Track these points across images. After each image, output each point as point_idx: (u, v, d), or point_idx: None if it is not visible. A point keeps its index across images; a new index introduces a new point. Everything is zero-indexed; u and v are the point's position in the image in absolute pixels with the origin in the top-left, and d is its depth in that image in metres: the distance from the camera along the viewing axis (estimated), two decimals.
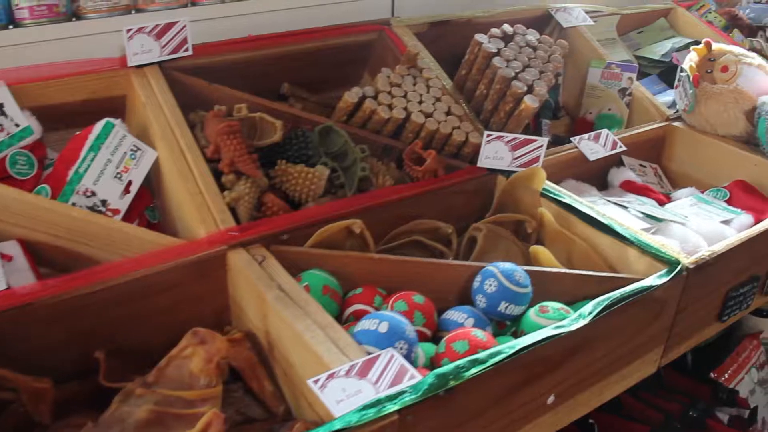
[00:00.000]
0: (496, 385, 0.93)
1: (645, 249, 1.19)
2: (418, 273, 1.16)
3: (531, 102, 1.39)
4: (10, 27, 1.34)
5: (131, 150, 1.21)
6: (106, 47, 1.32)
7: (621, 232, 1.22)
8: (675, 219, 1.36)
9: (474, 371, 0.87)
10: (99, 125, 1.19)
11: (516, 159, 1.38)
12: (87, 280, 0.99)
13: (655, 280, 1.12)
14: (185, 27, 1.33)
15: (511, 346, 0.92)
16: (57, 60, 1.28)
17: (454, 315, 1.10)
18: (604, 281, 1.16)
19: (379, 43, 1.62)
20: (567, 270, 1.19)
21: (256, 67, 1.51)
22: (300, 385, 0.93)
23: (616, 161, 1.63)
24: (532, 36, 1.52)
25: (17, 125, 1.17)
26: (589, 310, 1.03)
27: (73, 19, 1.40)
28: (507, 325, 1.15)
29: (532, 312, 1.09)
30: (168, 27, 1.31)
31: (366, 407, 0.79)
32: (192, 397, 0.91)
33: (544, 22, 1.88)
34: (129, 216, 1.20)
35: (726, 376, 1.63)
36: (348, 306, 1.12)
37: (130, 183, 1.20)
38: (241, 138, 1.28)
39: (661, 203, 1.52)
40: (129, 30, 1.28)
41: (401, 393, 0.82)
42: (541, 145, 1.38)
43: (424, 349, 1.01)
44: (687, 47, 2.03)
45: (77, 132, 1.20)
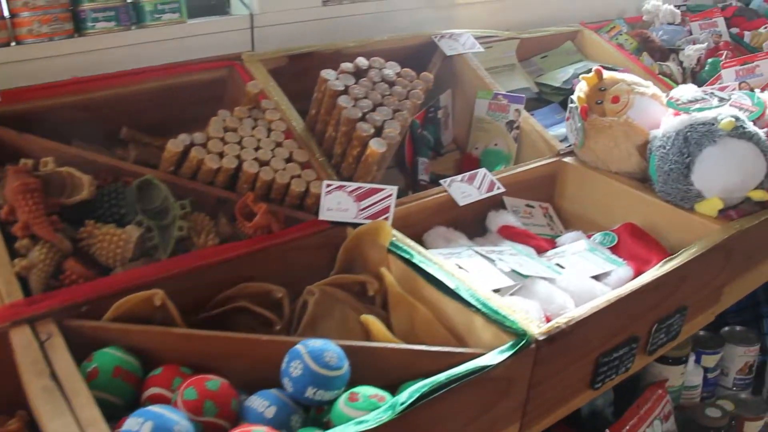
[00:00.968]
0: None
1: (490, 317, 1.03)
2: (229, 350, 1.00)
3: (377, 147, 1.23)
4: None
5: None
6: None
7: (466, 297, 1.06)
8: (543, 275, 1.20)
9: None
10: None
11: (363, 210, 1.22)
12: None
13: (495, 356, 0.95)
14: None
15: None
16: None
17: (255, 402, 0.93)
18: (440, 357, 0.99)
19: (231, 81, 1.46)
20: (395, 345, 1.02)
21: (86, 112, 1.35)
22: None
23: (497, 203, 1.46)
24: (390, 70, 1.36)
25: None
26: (405, 398, 0.86)
27: None
28: (325, 410, 0.97)
29: (341, 400, 0.92)
30: None
31: None
32: None
33: (429, 50, 1.72)
34: None
35: (625, 431, 1.46)
36: (145, 389, 0.96)
37: None
38: (39, 197, 1.13)
39: (542, 250, 1.37)
40: None
41: None
42: (390, 195, 1.22)
43: None
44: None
45: None
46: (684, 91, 1.46)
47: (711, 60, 2.00)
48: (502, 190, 1.42)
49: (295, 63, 1.51)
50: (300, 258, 1.22)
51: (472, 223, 1.44)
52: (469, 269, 1.19)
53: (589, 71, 1.89)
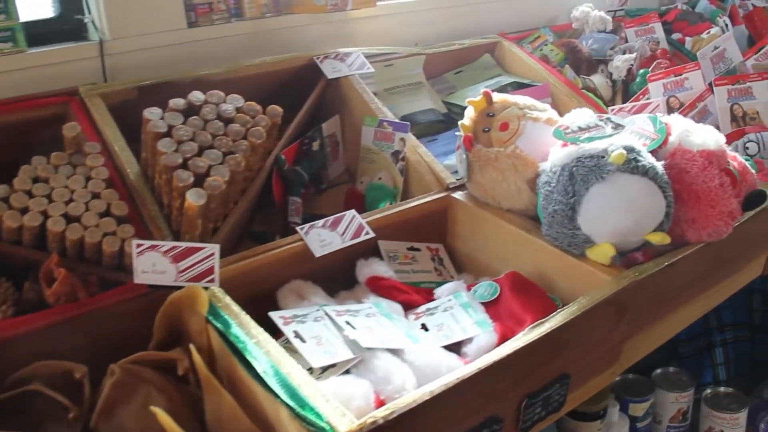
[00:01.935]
0: None
1: (295, 411, 0.86)
2: None
3: (194, 199, 1.06)
4: None
5: None
6: None
7: (271, 384, 0.89)
8: (390, 344, 1.03)
9: None
10: None
11: (183, 272, 1.06)
12: None
13: None
14: None
15: None
16: None
17: None
18: None
19: (69, 120, 1.30)
20: None
21: None
22: None
23: (371, 248, 1.29)
24: (230, 105, 1.20)
25: None
26: None
27: None
28: None
29: None
30: None
31: None
32: None
33: (315, 72, 1.55)
34: None
35: None
36: None
37: None
38: None
39: (414, 305, 1.20)
40: None
41: None
42: (212, 254, 1.06)
43: None
44: (504, 90, 1.71)
45: None
46: (577, 117, 1.28)
47: (642, 71, 1.82)
48: (370, 235, 1.25)
49: (147, 96, 1.34)
50: (116, 328, 1.06)
51: (344, 272, 1.27)
52: (307, 338, 1.03)
53: (513, 85, 1.73)
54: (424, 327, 1.14)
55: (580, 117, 1.28)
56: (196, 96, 1.18)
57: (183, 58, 1.47)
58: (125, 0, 1.41)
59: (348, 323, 1.08)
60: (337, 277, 1.26)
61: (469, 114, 1.36)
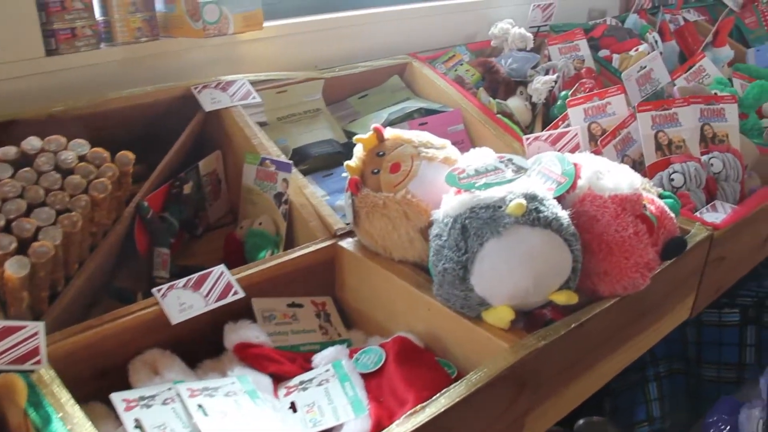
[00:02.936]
0: None
1: None
2: None
3: (14, 270, 0.89)
4: None
5: None
6: None
7: None
8: None
9: None
10: None
11: (2, 354, 0.88)
12: None
13: None
14: None
15: None
16: None
17: None
18: None
19: None
20: None
21: None
22: None
23: (244, 307, 1.13)
24: (71, 152, 1.02)
25: None
26: None
27: None
28: None
29: None
30: None
31: None
32: None
33: (193, 104, 1.37)
34: None
35: None
36: None
37: None
38: None
39: (287, 377, 1.04)
40: None
41: None
42: (35, 333, 0.88)
43: None
44: (410, 116, 1.56)
45: None
46: (475, 158, 1.13)
47: (563, 93, 1.68)
48: (240, 295, 1.09)
49: None
50: None
51: (213, 335, 1.10)
52: (148, 429, 0.86)
53: (419, 112, 1.59)
54: (293, 406, 0.98)
55: (478, 158, 1.13)
56: (30, 143, 1.00)
57: (39, 91, 1.28)
58: None
59: (200, 407, 0.91)
60: (204, 342, 1.09)
61: (358, 153, 1.20)
